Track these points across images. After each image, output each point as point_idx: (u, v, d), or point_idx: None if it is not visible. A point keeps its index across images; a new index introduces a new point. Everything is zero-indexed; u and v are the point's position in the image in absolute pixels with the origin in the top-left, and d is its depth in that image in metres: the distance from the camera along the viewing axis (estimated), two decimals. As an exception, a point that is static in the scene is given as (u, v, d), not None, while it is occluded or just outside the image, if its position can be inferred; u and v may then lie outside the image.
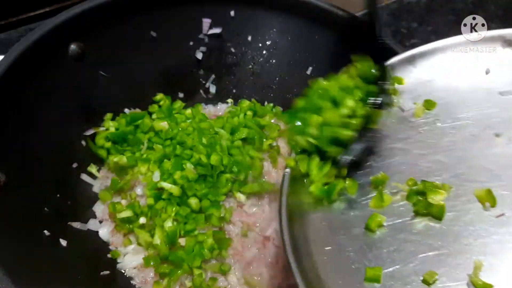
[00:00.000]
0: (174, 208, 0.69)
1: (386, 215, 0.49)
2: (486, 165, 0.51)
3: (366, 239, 0.48)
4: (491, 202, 0.48)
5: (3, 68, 0.61)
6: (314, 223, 0.50)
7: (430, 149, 0.53)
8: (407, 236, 0.48)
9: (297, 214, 0.50)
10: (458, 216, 0.48)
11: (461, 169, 0.51)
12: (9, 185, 0.58)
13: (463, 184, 0.50)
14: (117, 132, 0.75)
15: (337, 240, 0.49)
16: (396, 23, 1.09)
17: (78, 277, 0.61)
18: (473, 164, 0.52)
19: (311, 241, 0.48)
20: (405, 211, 0.50)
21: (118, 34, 0.76)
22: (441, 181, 0.51)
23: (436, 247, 0.47)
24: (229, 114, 0.82)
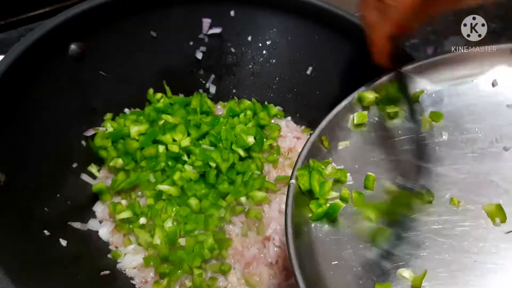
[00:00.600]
0: (174, 209, 0.69)
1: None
2: (495, 179, 0.50)
3: (373, 254, 0.47)
4: (501, 217, 0.48)
5: (3, 68, 0.60)
6: (321, 236, 0.49)
7: (438, 162, 0.53)
8: (416, 250, 0.47)
9: (303, 226, 0.49)
10: (467, 232, 0.48)
11: (470, 183, 0.51)
12: (9, 185, 0.58)
13: (472, 198, 0.50)
14: (115, 132, 0.75)
15: (344, 254, 0.48)
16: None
17: (78, 277, 0.61)
18: (482, 178, 0.51)
19: (318, 255, 0.47)
20: (413, 225, 0.49)
21: (118, 34, 0.76)
22: (449, 195, 0.50)
23: (446, 263, 0.46)
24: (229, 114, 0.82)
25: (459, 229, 0.48)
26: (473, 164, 0.52)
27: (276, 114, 0.86)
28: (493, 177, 0.51)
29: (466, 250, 0.46)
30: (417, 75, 0.59)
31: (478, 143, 0.53)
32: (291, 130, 0.86)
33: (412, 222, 0.49)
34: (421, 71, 0.59)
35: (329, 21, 0.78)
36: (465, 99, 0.57)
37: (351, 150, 0.55)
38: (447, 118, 0.56)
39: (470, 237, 0.47)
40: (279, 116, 0.87)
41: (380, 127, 0.57)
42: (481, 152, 0.53)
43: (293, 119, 0.88)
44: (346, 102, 0.57)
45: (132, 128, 0.74)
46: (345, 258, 0.47)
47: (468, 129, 0.55)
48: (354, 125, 0.57)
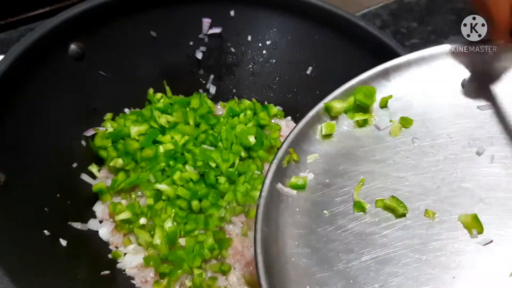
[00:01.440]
0: (174, 209, 0.69)
1: (368, 247, 0.46)
2: (470, 186, 0.48)
3: (350, 273, 0.45)
4: (478, 228, 0.46)
5: (3, 68, 0.60)
6: (294, 259, 0.46)
7: (410, 171, 0.50)
8: (392, 269, 0.45)
9: (274, 248, 0.46)
10: (444, 245, 0.45)
11: (444, 192, 0.49)
12: (9, 185, 0.58)
13: (447, 209, 0.48)
14: (116, 132, 0.75)
15: (320, 278, 0.45)
16: (396, 23, 1.09)
17: (78, 277, 0.61)
18: (456, 186, 0.49)
19: (291, 282, 0.45)
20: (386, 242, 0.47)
21: (118, 34, 0.76)
22: (424, 207, 0.48)
23: (423, 281, 0.44)
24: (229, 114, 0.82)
25: (436, 244, 0.46)
26: (446, 172, 0.50)
27: (276, 114, 0.86)
28: (468, 184, 0.49)
29: (444, 265, 0.44)
30: (384, 78, 0.56)
31: (450, 149, 0.51)
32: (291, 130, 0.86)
33: (384, 238, 0.47)
34: (388, 74, 0.56)
35: (329, 21, 0.78)
36: (435, 102, 0.54)
37: (320, 162, 0.53)
38: (417, 123, 0.53)
39: (448, 251, 0.45)
40: (279, 116, 0.87)
41: (349, 137, 0.54)
42: (454, 158, 0.50)
43: (293, 119, 0.88)
44: (312, 113, 0.54)
45: (132, 128, 0.74)
46: (321, 282, 0.45)
47: (440, 134, 0.52)
48: (323, 136, 0.54)
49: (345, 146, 0.54)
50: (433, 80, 0.56)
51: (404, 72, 0.56)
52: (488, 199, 0.47)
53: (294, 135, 0.53)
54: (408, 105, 0.55)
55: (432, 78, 0.56)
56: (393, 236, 0.47)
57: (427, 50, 0.56)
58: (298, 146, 0.53)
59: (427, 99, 0.55)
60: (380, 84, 0.56)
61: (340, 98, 0.56)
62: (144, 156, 0.72)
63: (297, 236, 0.48)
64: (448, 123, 0.53)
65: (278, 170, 0.50)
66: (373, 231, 0.47)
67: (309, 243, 0.47)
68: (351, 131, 0.55)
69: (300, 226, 0.48)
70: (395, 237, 0.47)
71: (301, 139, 0.53)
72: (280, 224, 0.48)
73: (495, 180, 0.49)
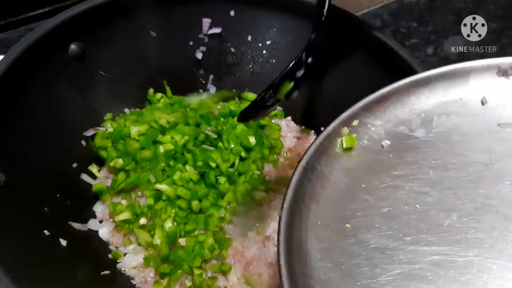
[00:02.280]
0: (174, 209, 0.69)
1: (392, 263, 0.46)
2: (494, 204, 0.48)
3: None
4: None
5: (3, 68, 0.60)
6: (317, 274, 0.45)
7: (432, 187, 0.50)
8: (417, 285, 0.44)
9: (297, 261, 0.46)
10: (470, 263, 0.44)
11: (467, 209, 0.48)
12: (9, 185, 0.58)
13: (472, 226, 0.46)
14: (116, 132, 0.75)
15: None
16: (396, 23, 1.09)
17: (78, 277, 0.61)
18: (480, 203, 0.48)
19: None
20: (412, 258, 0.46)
21: (118, 34, 0.76)
22: (449, 222, 0.47)
23: None
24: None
25: (462, 260, 0.45)
26: (469, 188, 0.49)
27: (276, 114, 0.86)
28: (491, 201, 0.48)
29: (471, 283, 0.44)
30: (406, 95, 0.56)
31: (472, 166, 0.50)
32: (291, 130, 0.86)
33: (409, 254, 0.46)
34: (408, 90, 0.56)
35: (329, 21, 0.78)
36: (455, 118, 0.54)
37: (341, 175, 0.52)
38: (438, 139, 0.53)
39: (474, 268, 0.44)
40: (279, 116, 0.87)
41: (370, 150, 0.54)
42: (477, 175, 0.50)
43: (293, 119, 0.88)
44: (330, 127, 0.53)
45: (132, 129, 0.74)
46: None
47: (461, 151, 0.52)
48: (343, 149, 0.54)
49: (366, 160, 0.53)
50: (454, 96, 0.56)
51: (424, 89, 0.56)
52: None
53: (312, 152, 0.52)
54: (429, 121, 0.55)
55: (453, 94, 0.56)
56: (417, 251, 0.46)
57: (448, 67, 0.56)
58: (317, 160, 0.52)
59: (447, 115, 0.55)
60: (400, 99, 0.56)
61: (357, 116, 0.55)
62: (144, 156, 0.72)
63: (319, 249, 0.47)
64: (469, 140, 0.53)
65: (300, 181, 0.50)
66: (397, 246, 0.47)
67: (332, 258, 0.47)
68: (371, 145, 0.54)
69: (322, 239, 0.48)
70: (420, 253, 0.46)
71: (321, 153, 0.53)
72: (302, 236, 0.48)
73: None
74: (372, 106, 0.55)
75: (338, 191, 0.51)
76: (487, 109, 0.54)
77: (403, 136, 0.54)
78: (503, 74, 0.55)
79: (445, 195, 0.49)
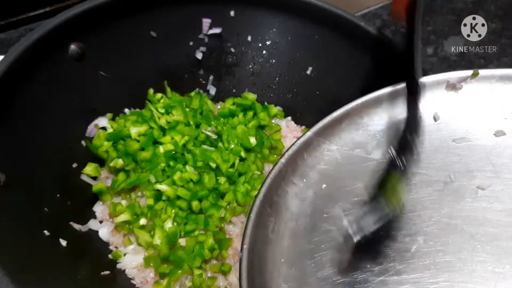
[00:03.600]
0: (174, 209, 0.69)
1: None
2: (458, 223, 0.47)
3: None
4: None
5: (3, 68, 0.60)
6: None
7: None
8: None
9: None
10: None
11: (434, 231, 0.46)
12: (9, 185, 0.58)
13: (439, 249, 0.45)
14: (116, 133, 0.75)
15: None
16: (396, 23, 1.09)
17: (78, 277, 0.61)
18: (445, 224, 0.46)
19: None
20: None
21: (118, 34, 0.76)
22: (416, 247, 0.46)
23: None
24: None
25: (433, 287, 0.44)
26: (433, 209, 0.48)
27: (276, 114, 0.86)
28: (456, 220, 0.47)
29: None
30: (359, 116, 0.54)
31: (433, 185, 0.49)
32: (291, 130, 0.86)
33: (380, 286, 0.45)
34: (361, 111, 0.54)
35: (329, 21, 0.78)
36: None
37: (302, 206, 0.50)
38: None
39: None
40: (279, 116, 0.87)
41: (328, 176, 0.52)
42: (438, 195, 0.49)
43: (293, 119, 0.88)
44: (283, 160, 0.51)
45: (132, 129, 0.74)
46: None
47: (419, 171, 0.50)
48: (301, 178, 0.52)
49: (326, 187, 0.51)
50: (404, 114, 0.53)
51: (377, 109, 0.54)
52: (478, 235, 0.46)
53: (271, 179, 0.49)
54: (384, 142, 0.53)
55: (405, 113, 0.53)
56: (387, 282, 0.45)
57: (398, 85, 0.54)
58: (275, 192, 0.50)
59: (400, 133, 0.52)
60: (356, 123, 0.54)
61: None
62: (143, 157, 0.72)
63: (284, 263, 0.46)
64: (427, 157, 0.51)
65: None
66: (365, 278, 0.45)
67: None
68: (329, 170, 0.53)
69: (287, 279, 0.46)
70: (390, 283, 0.44)
71: (278, 184, 0.50)
72: (267, 278, 0.45)
73: (482, 214, 0.47)
74: (326, 131, 0.53)
75: (300, 223, 0.49)
76: (440, 125, 0.53)
77: (361, 160, 0.52)
78: (452, 88, 0.54)
79: (410, 218, 0.48)
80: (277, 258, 0.47)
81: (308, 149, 0.53)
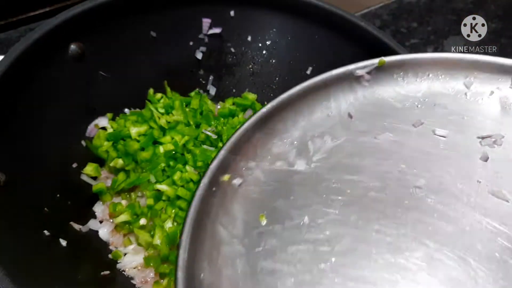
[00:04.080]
0: (174, 209, 0.69)
1: None
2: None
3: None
4: None
5: (3, 68, 0.60)
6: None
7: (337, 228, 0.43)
8: None
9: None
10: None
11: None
12: (9, 185, 0.58)
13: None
14: (115, 133, 0.75)
15: None
16: (396, 23, 1.09)
17: (78, 277, 0.61)
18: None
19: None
20: None
21: (118, 34, 0.76)
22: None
23: None
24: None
25: None
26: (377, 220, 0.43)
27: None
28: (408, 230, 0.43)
29: None
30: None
31: (369, 190, 0.44)
32: (291, 130, 0.86)
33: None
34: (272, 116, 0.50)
35: (329, 21, 0.78)
36: (329, 140, 0.48)
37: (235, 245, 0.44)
38: (321, 168, 0.46)
39: None
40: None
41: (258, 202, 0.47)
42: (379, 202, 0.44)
43: (293, 119, 0.88)
44: (202, 184, 0.46)
45: (132, 129, 0.74)
46: None
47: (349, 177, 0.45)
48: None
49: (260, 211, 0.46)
50: (321, 114, 0.50)
51: (289, 113, 0.51)
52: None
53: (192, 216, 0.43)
54: (304, 149, 0.48)
55: (319, 113, 0.50)
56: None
57: (306, 83, 0.52)
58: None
59: (321, 137, 0.49)
60: (270, 132, 0.50)
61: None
62: (143, 157, 0.72)
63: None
64: (355, 162, 0.47)
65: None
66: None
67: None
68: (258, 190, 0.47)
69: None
70: None
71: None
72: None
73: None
74: (240, 147, 0.47)
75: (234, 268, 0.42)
76: (354, 122, 0.48)
77: (285, 174, 0.46)
78: (358, 82, 0.50)
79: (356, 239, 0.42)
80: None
81: (225, 174, 0.46)
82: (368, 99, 0.50)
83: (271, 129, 0.49)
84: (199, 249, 0.42)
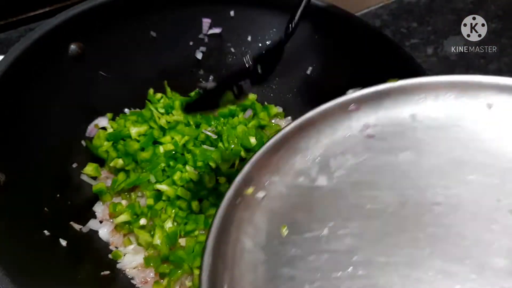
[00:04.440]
0: (174, 209, 0.69)
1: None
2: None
3: None
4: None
5: (3, 68, 0.60)
6: None
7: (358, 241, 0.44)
8: None
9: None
10: None
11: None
12: (9, 185, 0.58)
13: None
14: (115, 133, 0.75)
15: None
16: (396, 23, 1.09)
17: (78, 277, 0.61)
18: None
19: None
20: None
21: (118, 34, 0.76)
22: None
23: None
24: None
25: None
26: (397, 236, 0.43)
27: (276, 114, 0.86)
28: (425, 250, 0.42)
29: None
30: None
31: (389, 207, 0.45)
32: (291, 130, 0.86)
33: None
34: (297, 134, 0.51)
35: (329, 21, 0.78)
36: (351, 157, 0.49)
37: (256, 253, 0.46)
38: (343, 184, 0.47)
39: None
40: (280, 116, 0.87)
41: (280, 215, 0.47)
42: (398, 219, 0.44)
43: (293, 119, 0.88)
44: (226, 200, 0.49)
45: (132, 129, 0.74)
46: None
47: (371, 193, 0.46)
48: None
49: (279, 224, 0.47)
50: (342, 133, 0.51)
51: (311, 131, 0.51)
52: None
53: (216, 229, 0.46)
54: (325, 165, 0.49)
55: (340, 131, 0.51)
56: None
57: (327, 104, 0.53)
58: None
59: (343, 155, 0.50)
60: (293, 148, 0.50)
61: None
62: (143, 157, 0.72)
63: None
64: (375, 179, 0.48)
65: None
66: None
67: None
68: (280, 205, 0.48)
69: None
70: None
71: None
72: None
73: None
74: (263, 162, 0.49)
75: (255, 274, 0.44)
76: (376, 141, 0.49)
77: (307, 189, 0.47)
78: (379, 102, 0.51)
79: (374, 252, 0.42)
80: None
81: (248, 189, 0.49)
82: (389, 119, 0.51)
83: (294, 147, 0.50)
84: (223, 254, 0.44)
